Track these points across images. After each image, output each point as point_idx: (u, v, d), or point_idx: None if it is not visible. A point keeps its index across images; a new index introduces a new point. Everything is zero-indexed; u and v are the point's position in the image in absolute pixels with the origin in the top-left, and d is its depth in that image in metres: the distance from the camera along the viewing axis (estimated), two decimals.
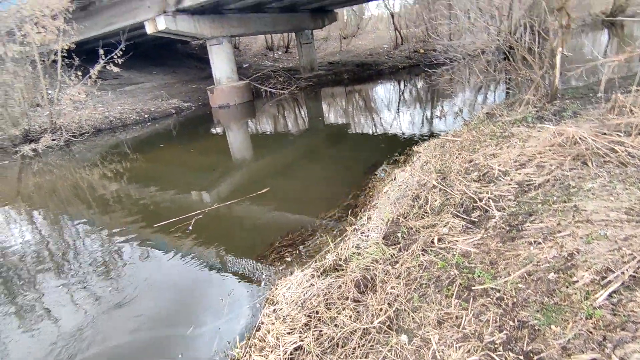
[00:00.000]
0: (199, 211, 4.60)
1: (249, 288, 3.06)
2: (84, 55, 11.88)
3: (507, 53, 6.14)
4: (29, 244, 4.62)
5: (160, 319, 2.84)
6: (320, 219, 3.91)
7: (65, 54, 10.63)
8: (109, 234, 4.53)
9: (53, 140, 9.68)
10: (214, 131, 11.15)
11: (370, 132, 8.41)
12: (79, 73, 10.64)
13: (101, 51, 10.52)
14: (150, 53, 19.74)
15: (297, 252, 3.27)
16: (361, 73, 17.86)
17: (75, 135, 10.31)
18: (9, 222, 5.74)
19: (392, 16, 22.19)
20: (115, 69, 10.49)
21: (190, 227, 4.24)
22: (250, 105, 14.02)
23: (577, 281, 1.86)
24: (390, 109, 10.19)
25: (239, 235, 4.12)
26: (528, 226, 2.54)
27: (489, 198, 3.18)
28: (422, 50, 19.21)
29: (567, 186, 2.88)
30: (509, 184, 3.31)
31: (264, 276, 3.07)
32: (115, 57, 10.49)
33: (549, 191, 2.94)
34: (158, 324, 2.78)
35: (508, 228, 2.65)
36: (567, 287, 1.85)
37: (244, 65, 20.59)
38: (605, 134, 3.39)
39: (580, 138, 3.27)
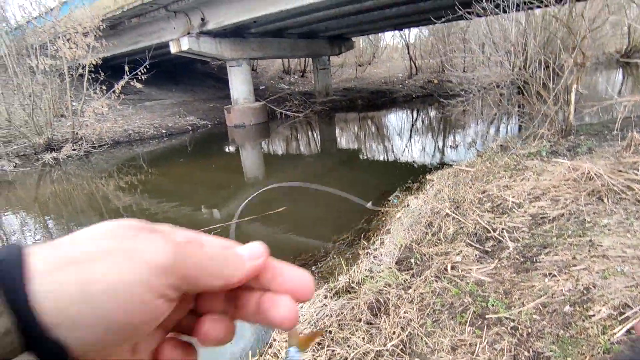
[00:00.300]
0: (217, 225, 4.67)
1: None
2: (109, 70, 12.38)
3: (521, 87, 6.25)
4: None
5: None
6: (332, 242, 3.95)
7: (92, 69, 11.10)
8: None
9: (74, 150, 9.97)
10: (228, 149, 11.38)
11: (383, 158, 8.51)
12: (104, 87, 11.06)
13: (126, 67, 10.97)
14: (170, 71, 20.43)
15: (310, 271, 3.30)
16: (375, 100, 18.18)
17: (94, 146, 10.61)
18: (21, 227, 5.86)
19: (408, 46, 22.74)
20: (138, 85, 10.88)
21: None
22: (265, 126, 14.32)
23: (594, 315, 1.86)
24: (403, 137, 10.32)
25: None
26: (543, 258, 2.55)
27: (502, 229, 3.20)
28: (436, 81, 19.55)
29: (583, 221, 2.90)
30: (523, 216, 3.33)
31: None
32: (139, 73, 10.90)
33: (563, 225, 2.96)
34: None
35: (522, 259, 2.66)
36: (584, 321, 1.86)
37: (261, 87, 21.13)
38: (621, 171, 3.41)
39: (595, 174, 3.30)
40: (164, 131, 13.16)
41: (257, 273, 0.30)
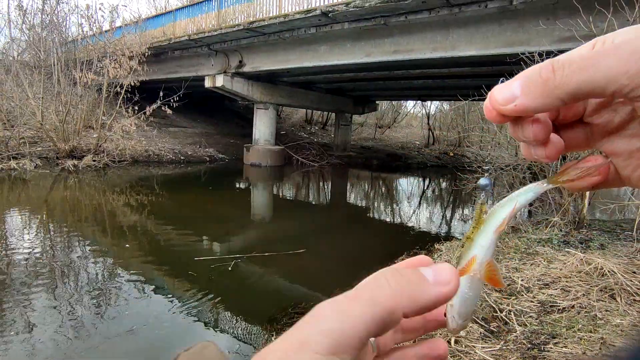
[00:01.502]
0: (237, 255, 4.64)
1: (254, 345, 2.98)
2: (144, 93, 13.05)
3: (536, 173, 6.37)
4: (31, 253, 4.57)
5: None
6: (334, 296, 3.87)
7: (129, 89, 11.73)
8: (114, 265, 4.50)
9: (94, 161, 10.25)
10: (241, 185, 11.54)
11: (391, 220, 8.52)
12: (136, 108, 11.59)
13: (161, 93, 11.56)
14: (199, 102, 21.35)
15: None
16: (390, 163, 18.54)
17: (114, 160, 10.90)
18: (22, 228, 5.85)
19: (428, 117, 23.58)
20: (168, 111, 11.39)
21: (230, 268, 4.26)
22: (280, 169, 14.60)
23: None
24: (413, 203, 10.39)
25: (250, 294, 4.09)
26: (551, 347, 2.47)
27: (509, 310, 3.13)
28: (451, 153, 19.99)
29: (594, 317, 2.83)
30: (532, 302, 3.27)
31: (274, 338, 3.00)
32: (172, 101, 11.46)
33: (573, 317, 2.89)
34: None
35: (529, 345, 2.57)
36: None
37: (282, 132, 21.81)
38: (635, 272, 3.38)
39: (609, 271, 3.27)
40: (182, 157, 13.50)
41: (444, 302, 0.28)
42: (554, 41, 7.03)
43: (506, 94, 0.29)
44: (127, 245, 5.28)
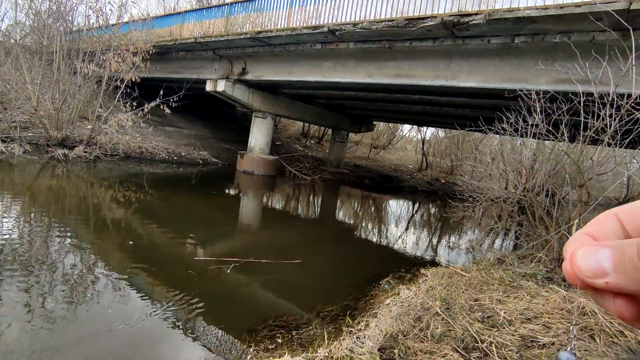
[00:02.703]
0: (236, 259, 4.56)
1: (230, 358, 2.90)
2: (144, 89, 13.02)
3: (525, 208, 6.46)
4: (6, 240, 4.43)
5: None
6: (317, 311, 3.83)
7: (129, 85, 11.69)
8: (94, 261, 4.39)
9: (85, 152, 10.11)
10: (231, 192, 11.46)
11: (378, 241, 8.51)
12: (134, 104, 11.53)
13: (161, 92, 11.54)
14: (197, 104, 21.34)
15: (290, 336, 3.15)
16: (382, 183, 18.65)
17: (106, 154, 10.76)
18: (1, 213, 5.69)
19: (423, 142, 23.90)
20: (167, 110, 11.35)
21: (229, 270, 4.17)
22: (272, 179, 14.57)
23: None
24: (401, 225, 10.42)
25: (231, 301, 4.01)
26: None
27: (490, 342, 3.12)
28: (443, 180, 20.20)
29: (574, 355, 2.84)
30: (513, 335, 3.27)
31: (251, 350, 2.93)
32: (172, 100, 11.44)
33: (553, 354, 2.89)
34: None
35: None
36: None
37: (277, 143, 21.86)
38: None
39: (590, 311, 3.30)
40: (175, 158, 13.40)
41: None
42: (551, 82, 7.24)
43: (594, 265, 0.26)
44: (122, 243, 5.17)
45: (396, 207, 14.29)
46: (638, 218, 0.27)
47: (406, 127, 30.28)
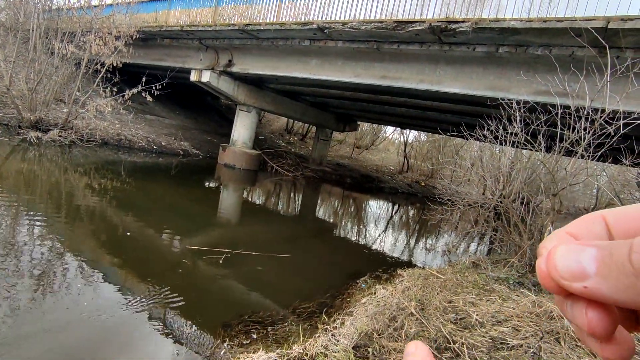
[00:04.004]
0: (225, 250, 4.47)
1: (203, 353, 2.86)
2: (125, 75, 12.64)
3: (502, 214, 6.64)
4: None
5: None
6: (293, 308, 3.83)
7: (110, 69, 11.32)
8: (64, 249, 4.26)
9: (60, 136, 9.75)
10: (211, 184, 11.30)
11: (356, 240, 8.57)
12: (114, 89, 11.19)
13: (144, 79, 11.24)
14: (180, 94, 20.92)
15: (265, 332, 3.14)
16: (363, 183, 18.79)
17: (82, 139, 10.41)
18: None
19: (405, 145, 24.19)
20: (149, 98, 11.06)
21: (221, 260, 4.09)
22: (254, 174, 14.45)
23: None
24: (380, 226, 10.53)
25: (207, 295, 3.96)
26: None
27: (462, 343, 3.20)
28: (423, 183, 20.52)
29: (539, 357, 2.94)
30: (484, 337, 3.36)
31: (225, 345, 2.90)
32: (154, 88, 11.16)
33: (520, 356, 2.98)
34: None
35: None
36: None
37: (260, 137, 21.69)
38: None
39: (557, 315, 3.42)
40: (155, 147, 13.09)
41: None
42: (532, 93, 7.46)
43: (573, 266, 0.23)
44: (95, 231, 5.01)
45: (376, 207, 14.42)
46: (627, 222, 0.24)
47: (389, 129, 30.58)
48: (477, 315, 3.76)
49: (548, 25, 6.74)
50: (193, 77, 13.86)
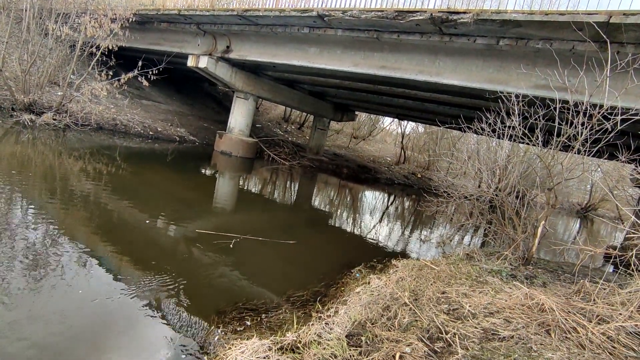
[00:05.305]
0: (232, 234, 4.46)
1: (197, 339, 2.88)
2: (121, 59, 12.45)
3: (496, 207, 6.68)
4: None
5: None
6: (287, 296, 3.85)
7: (106, 52, 11.13)
8: (59, 234, 4.22)
9: (54, 119, 9.62)
10: (207, 172, 11.25)
11: (351, 230, 8.60)
12: (110, 73, 11.02)
13: (140, 63, 11.07)
14: (177, 79, 20.68)
15: (259, 319, 3.16)
16: (360, 174, 18.79)
17: (77, 123, 10.28)
18: None
19: (403, 136, 24.17)
20: (145, 83, 10.91)
21: (231, 245, 4.08)
22: (250, 162, 14.39)
23: None
24: (375, 216, 10.57)
25: (202, 281, 3.96)
26: None
27: (454, 334, 3.24)
28: (419, 175, 20.57)
29: (529, 348, 2.99)
30: (476, 327, 3.40)
31: (219, 331, 2.91)
32: (150, 73, 11.00)
33: (511, 347, 3.03)
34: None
35: None
36: None
37: (257, 125, 21.55)
38: (569, 312, 3.61)
39: (549, 308, 3.47)
40: (151, 133, 12.97)
41: None
42: (531, 86, 7.44)
43: None
44: (90, 217, 4.97)
45: (372, 198, 14.46)
46: None
47: (387, 120, 30.50)
48: (469, 306, 3.80)
49: (550, 18, 6.68)
50: (190, 62, 13.68)
